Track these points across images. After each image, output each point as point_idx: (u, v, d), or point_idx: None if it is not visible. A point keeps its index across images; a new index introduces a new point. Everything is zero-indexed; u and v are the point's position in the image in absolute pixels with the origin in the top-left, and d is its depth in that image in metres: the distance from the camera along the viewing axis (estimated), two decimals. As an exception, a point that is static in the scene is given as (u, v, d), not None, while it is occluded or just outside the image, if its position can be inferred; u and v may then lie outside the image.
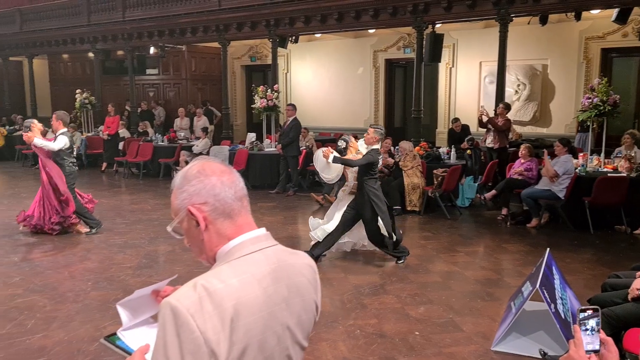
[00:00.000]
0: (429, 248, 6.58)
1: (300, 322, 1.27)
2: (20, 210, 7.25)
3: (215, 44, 12.94)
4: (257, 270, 1.19)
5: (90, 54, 15.27)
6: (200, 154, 11.40)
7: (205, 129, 12.08)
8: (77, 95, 14.20)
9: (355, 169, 5.87)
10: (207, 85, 15.68)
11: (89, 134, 14.02)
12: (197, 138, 12.22)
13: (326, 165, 5.96)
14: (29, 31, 15.39)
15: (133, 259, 5.99)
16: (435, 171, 8.18)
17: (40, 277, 5.32)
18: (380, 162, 8.49)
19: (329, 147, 6.00)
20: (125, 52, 13.95)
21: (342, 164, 5.93)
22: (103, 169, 13.03)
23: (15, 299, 4.73)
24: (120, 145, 13.04)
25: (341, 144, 6.17)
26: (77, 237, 6.89)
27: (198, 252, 1.29)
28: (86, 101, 14.16)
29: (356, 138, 6.60)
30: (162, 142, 12.32)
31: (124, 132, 13.50)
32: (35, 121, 7.24)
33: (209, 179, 1.22)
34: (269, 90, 10.34)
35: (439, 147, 9.95)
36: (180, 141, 12.30)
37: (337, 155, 5.86)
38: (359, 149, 6.10)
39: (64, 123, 6.92)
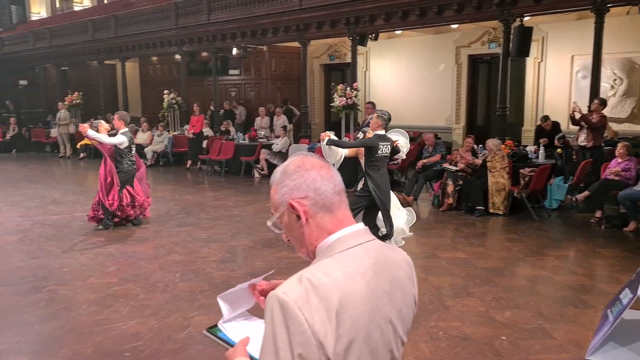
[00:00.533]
0: (514, 251, 6.30)
1: (402, 317, 1.25)
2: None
3: (295, 44, 13.11)
4: (360, 264, 1.19)
5: (177, 56, 15.97)
6: (280, 152, 11.62)
7: (284, 128, 12.28)
8: (164, 96, 14.91)
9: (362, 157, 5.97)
10: (286, 84, 15.94)
11: (175, 133, 14.66)
12: (277, 137, 12.44)
13: (328, 149, 6.11)
14: (122, 36, 16.32)
15: (217, 253, 6.18)
16: (522, 171, 7.82)
17: (134, 268, 5.61)
18: (459, 161, 8.28)
19: (327, 132, 6.25)
20: (210, 54, 14.46)
21: (335, 146, 6.08)
22: (188, 166, 13.58)
23: (111, 287, 5.02)
24: (204, 144, 13.53)
25: (360, 135, 6.41)
26: (166, 231, 7.21)
27: (298, 246, 1.31)
28: (173, 101, 14.83)
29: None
30: (243, 140, 12.65)
31: (207, 131, 14.00)
32: (102, 121, 7.79)
33: (309, 173, 1.24)
34: (348, 88, 10.33)
35: (526, 146, 9.51)
36: (261, 140, 12.58)
37: (334, 138, 6.06)
38: None
39: (125, 123, 7.31)
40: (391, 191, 6.13)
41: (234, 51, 14.50)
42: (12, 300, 4.71)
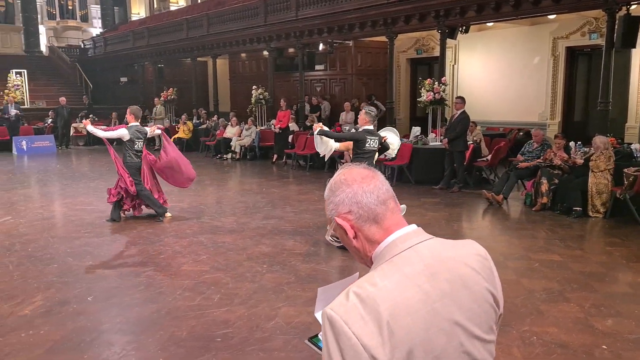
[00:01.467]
0: (616, 255, 5.87)
1: (474, 316, 1.18)
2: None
3: (381, 38, 13.01)
4: (409, 269, 1.16)
5: (265, 53, 16.35)
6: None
7: (369, 123, 12.20)
8: (253, 91, 15.35)
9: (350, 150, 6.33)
10: (371, 79, 15.85)
11: (262, 128, 15.04)
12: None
13: (320, 139, 6.59)
14: (214, 33, 16.96)
15: (302, 246, 6.26)
16: (625, 170, 7.26)
17: (223, 257, 5.82)
18: (554, 157, 7.82)
19: (320, 123, 6.91)
20: (297, 50, 14.68)
21: (326, 137, 6.50)
22: (273, 160, 13.89)
23: (203, 274, 5.24)
24: (290, 139, 13.77)
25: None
26: (253, 223, 7.41)
27: (358, 258, 1.32)
28: (261, 97, 15.23)
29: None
30: (328, 135, 12.70)
31: (293, 126, 14.23)
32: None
33: (350, 188, 1.25)
34: (436, 83, 10.10)
35: (630, 144, 8.83)
36: (345, 134, 12.60)
37: (325, 129, 6.52)
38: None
39: (135, 117, 7.61)
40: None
41: (320, 47, 14.63)
42: (115, 283, 5.04)
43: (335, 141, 6.65)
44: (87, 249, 6.21)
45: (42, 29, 27.50)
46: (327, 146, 6.72)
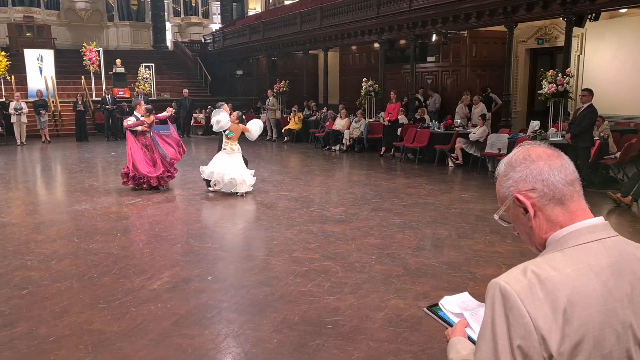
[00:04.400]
0: None
1: None
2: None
3: (499, 28, 12.43)
4: (594, 262, 1.10)
5: (376, 45, 16.30)
6: (477, 141, 11.18)
7: (483, 116, 11.76)
8: (362, 84, 15.38)
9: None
10: (486, 71, 15.21)
11: (371, 120, 15.04)
12: (474, 125, 11.98)
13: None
14: (327, 26, 17.20)
15: (411, 239, 6.19)
16: None
17: (333, 247, 5.91)
18: None
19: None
20: (409, 41, 14.46)
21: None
22: (382, 153, 13.84)
23: (313, 262, 5.36)
24: (399, 131, 13.64)
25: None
26: (362, 214, 7.45)
27: (527, 239, 1.25)
28: (370, 89, 15.23)
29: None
30: (439, 129, 12.44)
31: (402, 119, 14.08)
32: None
33: (535, 164, 1.18)
34: (559, 74, 9.47)
35: None
36: (457, 128, 12.25)
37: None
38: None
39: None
40: None
41: (433, 38, 14.29)
42: (233, 265, 5.32)
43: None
44: (206, 231, 6.62)
45: (167, 25, 29.55)
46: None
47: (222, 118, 8.53)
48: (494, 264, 5.26)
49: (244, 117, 9.18)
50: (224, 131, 8.69)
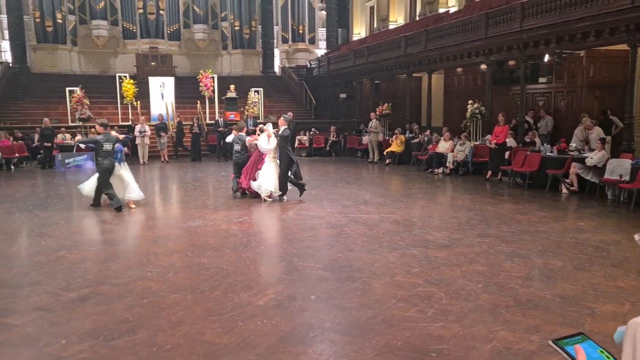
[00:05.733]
0: None
1: None
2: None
3: (621, 46, 11.60)
4: None
5: (483, 66, 15.87)
6: (595, 167, 10.44)
7: (603, 140, 10.97)
8: (468, 106, 15.02)
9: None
10: (606, 92, 14.19)
11: (476, 142, 14.60)
12: (592, 149, 11.21)
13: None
14: (432, 49, 17.06)
15: (521, 269, 5.89)
16: None
17: (436, 272, 5.78)
18: None
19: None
20: (519, 62, 13.94)
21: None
22: (487, 176, 13.36)
23: (416, 287, 5.27)
24: (506, 155, 13.11)
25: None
26: (467, 240, 7.22)
27: None
28: (476, 111, 14.83)
29: None
30: (551, 152, 11.79)
31: (510, 142, 13.54)
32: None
33: None
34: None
35: None
36: (572, 152, 11.53)
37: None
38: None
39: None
40: None
41: (546, 58, 13.66)
42: (334, 285, 5.37)
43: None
44: (309, 251, 6.75)
45: (276, 52, 30.91)
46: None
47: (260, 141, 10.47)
48: (615, 300, 4.86)
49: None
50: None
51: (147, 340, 4.06)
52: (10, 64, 25.67)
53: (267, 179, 10.27)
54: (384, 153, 17.84)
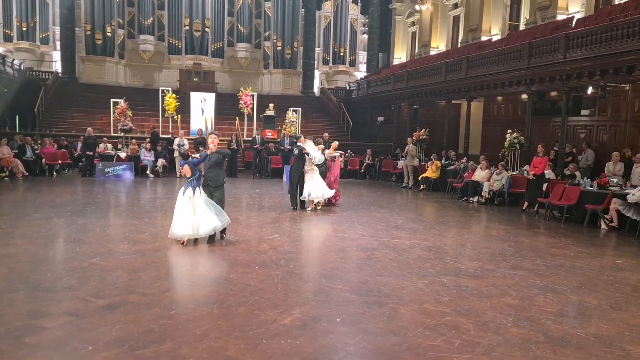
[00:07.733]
0: None
1: None
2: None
3: (669, 81, 11.32)
4: None
5: (524, 96, 15.67)
6: (637, 204, 10.10)
7: (646, 177, 10.63)
8: (507, 135, 14.80)
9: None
10: (651, 127, 13.82)
11: (514, 173, 14.34)
12: (634, 186, 10.87)
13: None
14: (472, 77, 16.97)
15: (554, 304, 5.72)
16: None
17: (466, 302, 5.66)
18: None
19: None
20: (561, 93, 13.71)
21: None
22: (524, 208, 13.08)
23: (444, 316, 5.17)
24: (544, 187, 12.83)
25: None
26: (499, 271, 7.06)
27: None
28: (515, 141, 14.60)
29: None
30: (591, 187, 11.48)
31: (549, 173, 13.25)
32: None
33: None
34: None
35: None
36: (613, 187, 11.20)
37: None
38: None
39: None
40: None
41: (589, 90, 13.39)
42: (361, 309, 5.32)
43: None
44: (337, 272, 6.72)
45: (316, 73, 31.28)
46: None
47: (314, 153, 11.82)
48: (653, 343, 4.65)
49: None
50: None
51: (171, 351, 4.10)
52: (60, 74, 26.78)
53: (315, 187, 11.73)
54: (419, 178, 17.69)
